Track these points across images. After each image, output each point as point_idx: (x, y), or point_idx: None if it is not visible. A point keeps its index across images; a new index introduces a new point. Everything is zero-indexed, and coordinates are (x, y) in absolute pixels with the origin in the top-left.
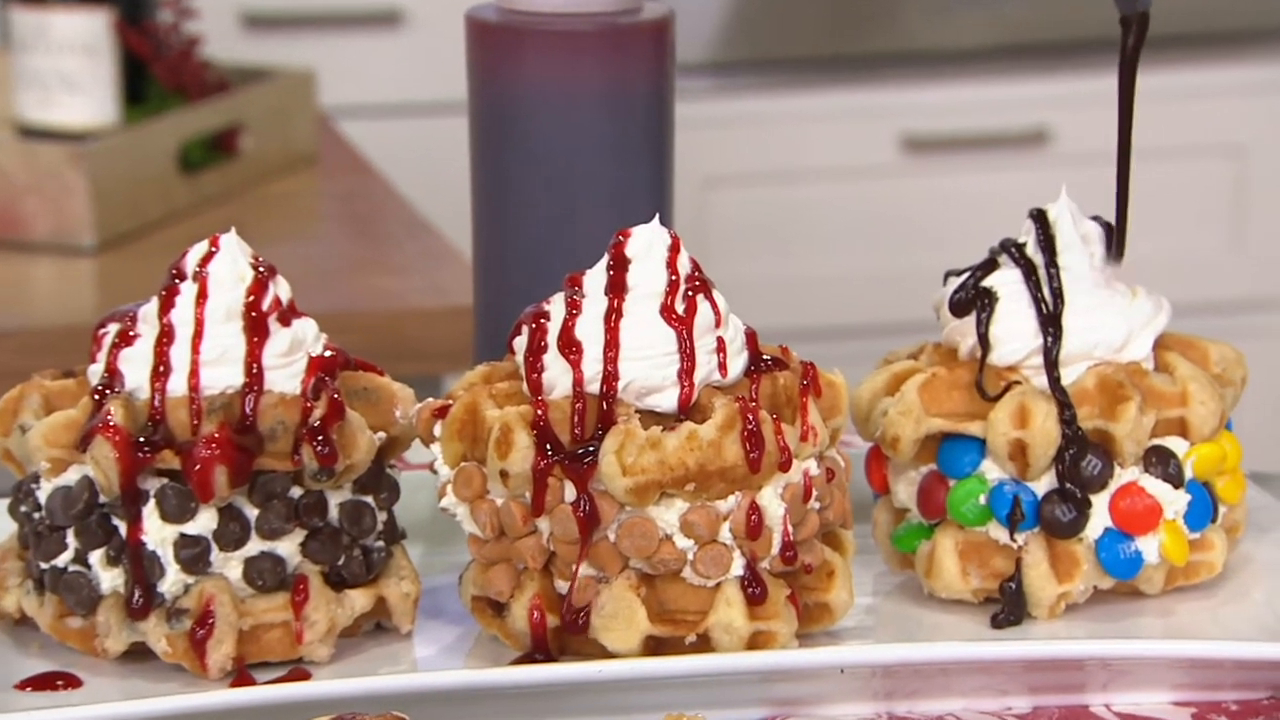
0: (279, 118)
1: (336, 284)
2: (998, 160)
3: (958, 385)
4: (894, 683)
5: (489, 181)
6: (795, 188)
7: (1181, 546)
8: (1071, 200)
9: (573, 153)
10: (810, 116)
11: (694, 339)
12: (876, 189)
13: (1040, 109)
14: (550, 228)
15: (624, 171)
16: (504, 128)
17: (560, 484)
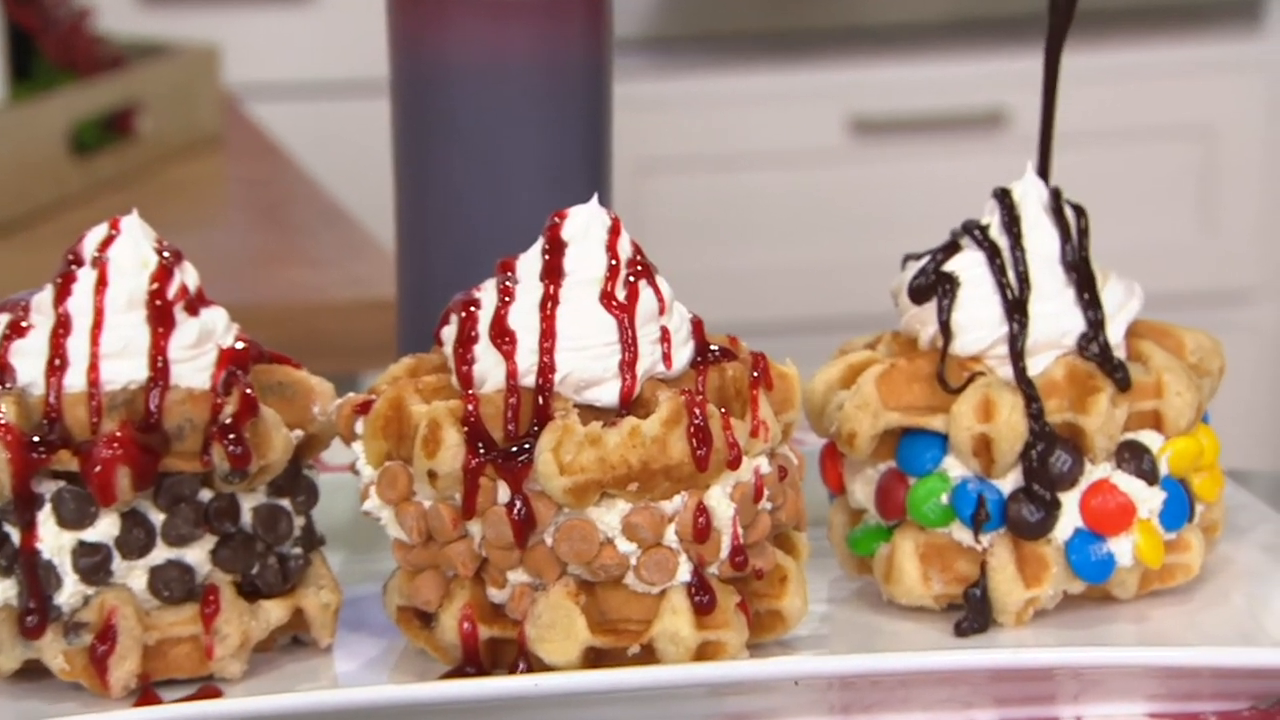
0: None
1: (245, 276)
2: (953, 143)
3: (918, 377)
4: (851, 695)
5: (412, 161)
6: (736, 173)
7: (1156, 548)
8: (1037, 177)
9: (503, 129)
10: (753, 97)
11: (636, 328)
12: (823, 174)
13: (998, 88)
14: (480, 210)
15: (559, 149)
16: (428, 103)
17: (493, 484)
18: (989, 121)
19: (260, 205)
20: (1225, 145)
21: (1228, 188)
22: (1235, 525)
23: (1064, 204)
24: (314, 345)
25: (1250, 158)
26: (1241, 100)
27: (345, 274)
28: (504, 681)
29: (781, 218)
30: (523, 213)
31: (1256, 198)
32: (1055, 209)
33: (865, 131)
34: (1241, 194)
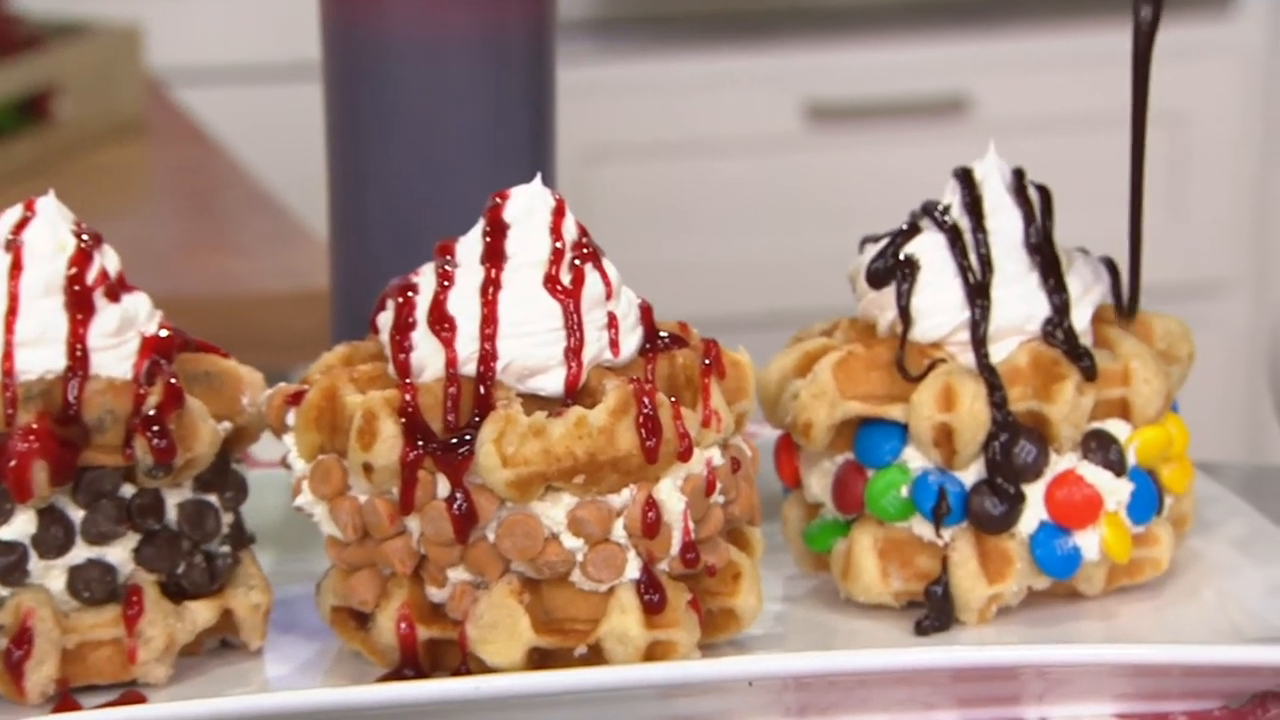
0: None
1: (170, 266)
2: (913, 130)
3: (876, 364)
4: (807, 696)
5: (347, 145)
6: (687, 161)
7: (1124, 541)
8: (1000, 159)
9: (443, 110)
10: (704, 81)
11: (582, 313)
12: (778, 162)
13: (960, 73)
14: (418, 193)
15: (501, 130)
16: (364, 84)
17: (432, 478)
18: (951, 108)
19: (186, 193)
20: (1195, 132)
21: (1198, 176)
22: (1206, 518)
23: (1027, 184)
24: (243, 339)
25: (1221, 145)
26: (1212, 86)
27: (276, 264)
28: (444, 684)
29: (734, 207)
30: (462, 196)
31: (1228, 186)
32: (1018, 189)
33: (822, 118)
34: (1212, 183)
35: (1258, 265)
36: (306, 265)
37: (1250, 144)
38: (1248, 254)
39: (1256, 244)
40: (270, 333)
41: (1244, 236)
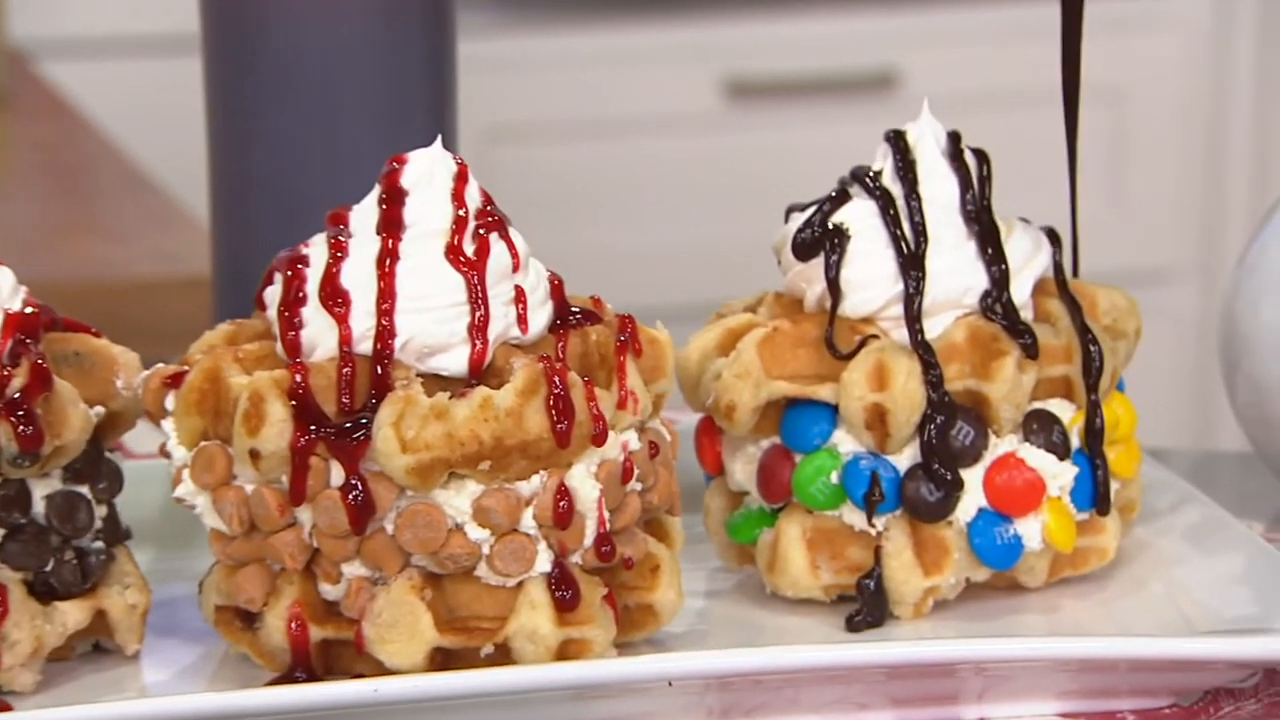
0: None
1: (36, 250)
2: (839, 108)
3: (803, 341)
4: (732, 697)
5: (230, 111)
6: (598, 142)
7: (1068, 529)
8: (935, 120)
9: (334, 72)
10: (615, 56)
11: (487, 286)
12: (696, 142)
13: (887, 47)
14: (307, 163)
15: (397, 94)
16: (247, 43)
17: (324, 465)
18: (879, 83)
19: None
20: (1137, 110)
21: (1140, 157)
22: (1154, 506)
23: (964, 149)
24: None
25: (1164, 123)
26: (1154, 60)
27: (152, 248)
28: (338, 687)
29: (648, 192)
30: (355, 168)
31: (1172, 167)
32: (954, 154)
33: (742, 94)
34: (1156, 163)
35: (1204, 251)
36: (185, 249)
37: (1195, 121)
38: (1194, 239)
39: (1203, 228)
40: (146, 321)
41: (1190, 220)
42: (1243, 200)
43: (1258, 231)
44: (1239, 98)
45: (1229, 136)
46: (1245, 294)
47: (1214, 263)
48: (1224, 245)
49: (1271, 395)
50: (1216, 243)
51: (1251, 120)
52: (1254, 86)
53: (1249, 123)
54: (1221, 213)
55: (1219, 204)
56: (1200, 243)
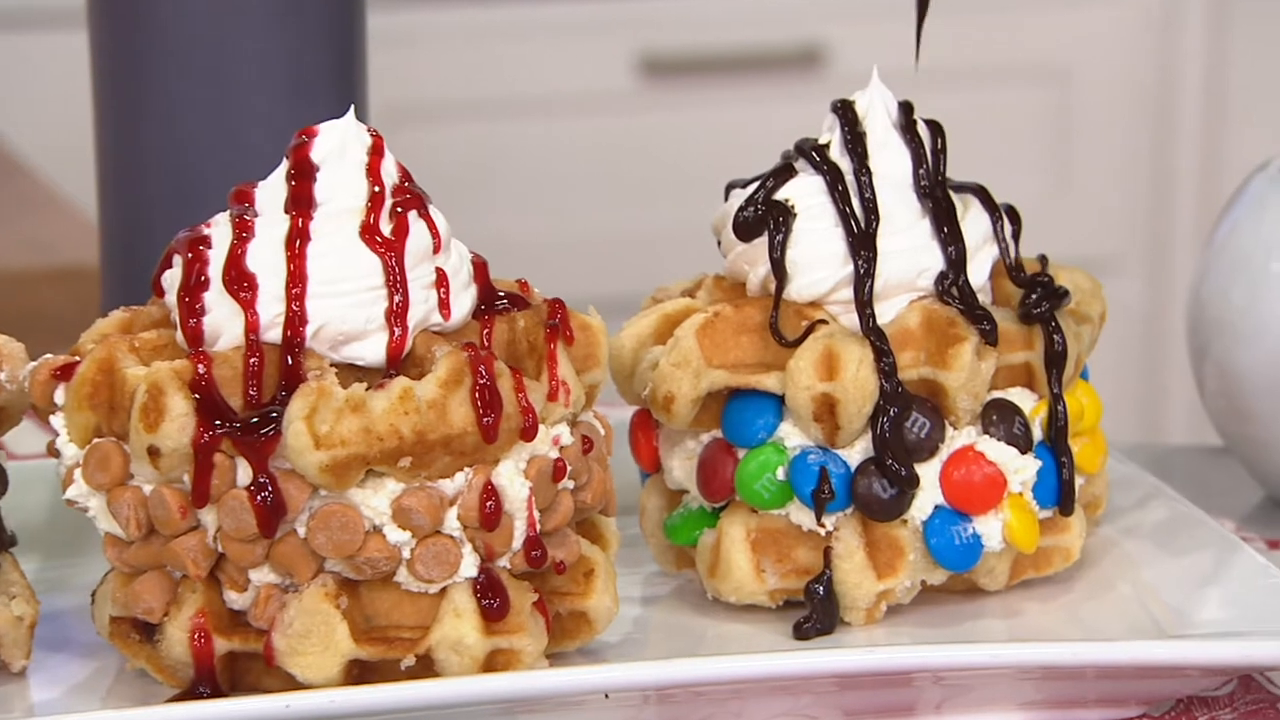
0: None
1: None
2: (761, 86)
3: (746, 328)
4: (673, 710)
5: (118, 82)
6: (504, 122)
7: (1030, 528)
8: (884, 87)
9: (232, 41)
10: (523, 30)
11: (406, 269)
12: (609, 123)
13: (812, 21)
14: (204, 136)
15: (301, 58)
16: (138, 13)
17: (230, 463)
18: (804, 60)
19: None
20: (1079, 90)
21: (1084, 140)
22: (1120, 502)
23: (916, 120)
24: None
25: (1108, 104)
26: (1098, 38)
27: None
28: (246, 703)
29: (559, 175)
30: (259, 133)
31: (1117, 151)
32: (906, 125)
33: (658, 72)
34: (1100, 147)
35: (1150, 238)
36: (58, 237)
37: (1142, 103)
38: (1141, 226)
39: (1150, 215)
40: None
41: (1136, 206)
42: (1191, 186)
43: (1226, 210)
44: (1187, 77)
45: (1177, 117)
46: (1214, 276)
47: (1161, 251)
48: (1171, 233)
49: (1243, 384)
50: (1163, 230)
51: (1201, 100)
52: (1203, 64)
53: (1198, 103)
54: (1168, 199)
55: (1166, 189)
56: (1146, 230)
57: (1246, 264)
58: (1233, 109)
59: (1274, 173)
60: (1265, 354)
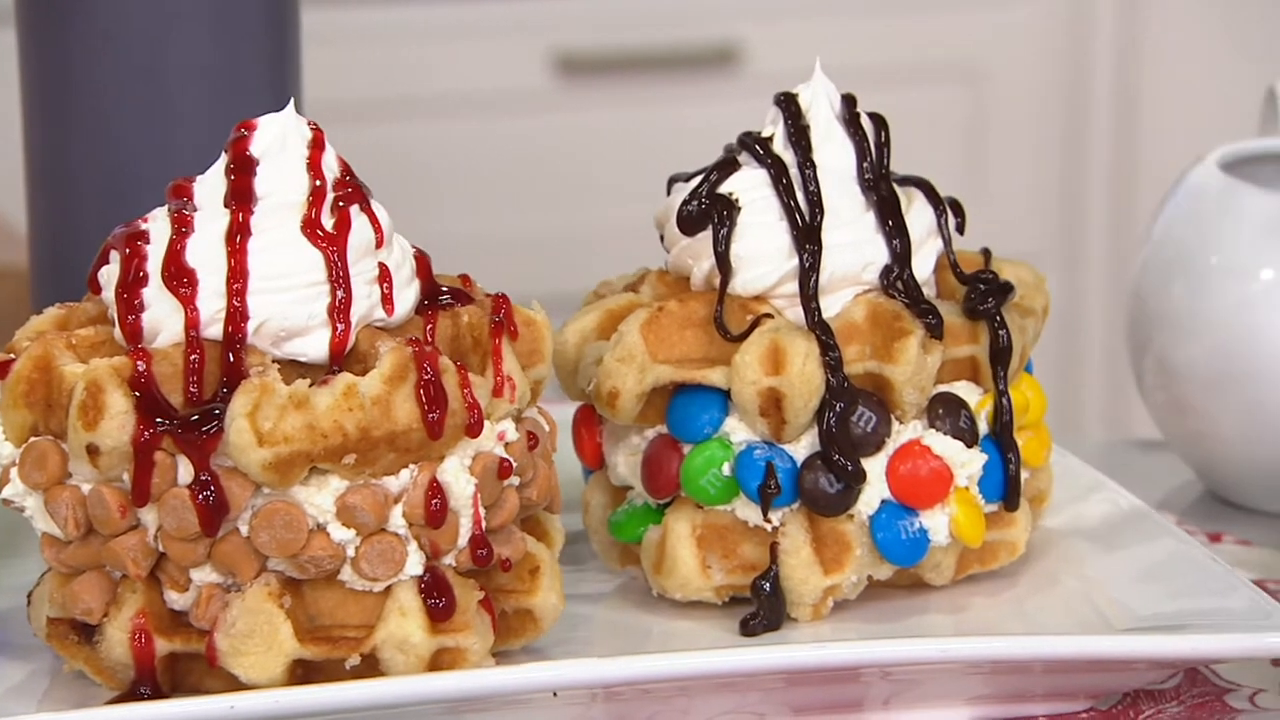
0: None
1: None
2: (677, 85)
3: (691, 322)
4: (620, 708)
5: (47, 77)
6: (416, 122)
7: (976, 522)
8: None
9: (164, 36)
10: (435, 29)
11: (348, 264)
12: (523, 123)
13: (728, 20)
14: (136, 131)
15: (234, 49)
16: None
17: (171, 461)
18: (719, 59)
19: None
20: (993, 89)
21: (999, 137)
22: (1063, 496)
23: (860, 113)
24: None
25: (1022, 103)
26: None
27: None
28: (190, 704)
29: (473, 175)
30: (189, 134)
31: (1030, 150)
32: (850, 118)
33: (572, 71)
34: (1015, 145)
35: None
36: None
37: (1055, 101)
38: (1055, 223)
39: (1064, 212)
40: None
41: (1050, 204)
42: (1104, 182)
43: (1164, 203)
44: (1100, 74)
45: (1090, 115)
46: (1153, 271)
47: (1075, 247)
48: (1085, 230)
49: (1183, 377)
50: (1077, 227)
51: (1113, 97)
52: (1115, 62)
53: (1110, 100)
54: (1082, 196)
55: (1080, 186)
56: (1060, 227)
57: (1185, 258)
58: (1145, 106)
59: (1211, 166)
60: (1205, 348)
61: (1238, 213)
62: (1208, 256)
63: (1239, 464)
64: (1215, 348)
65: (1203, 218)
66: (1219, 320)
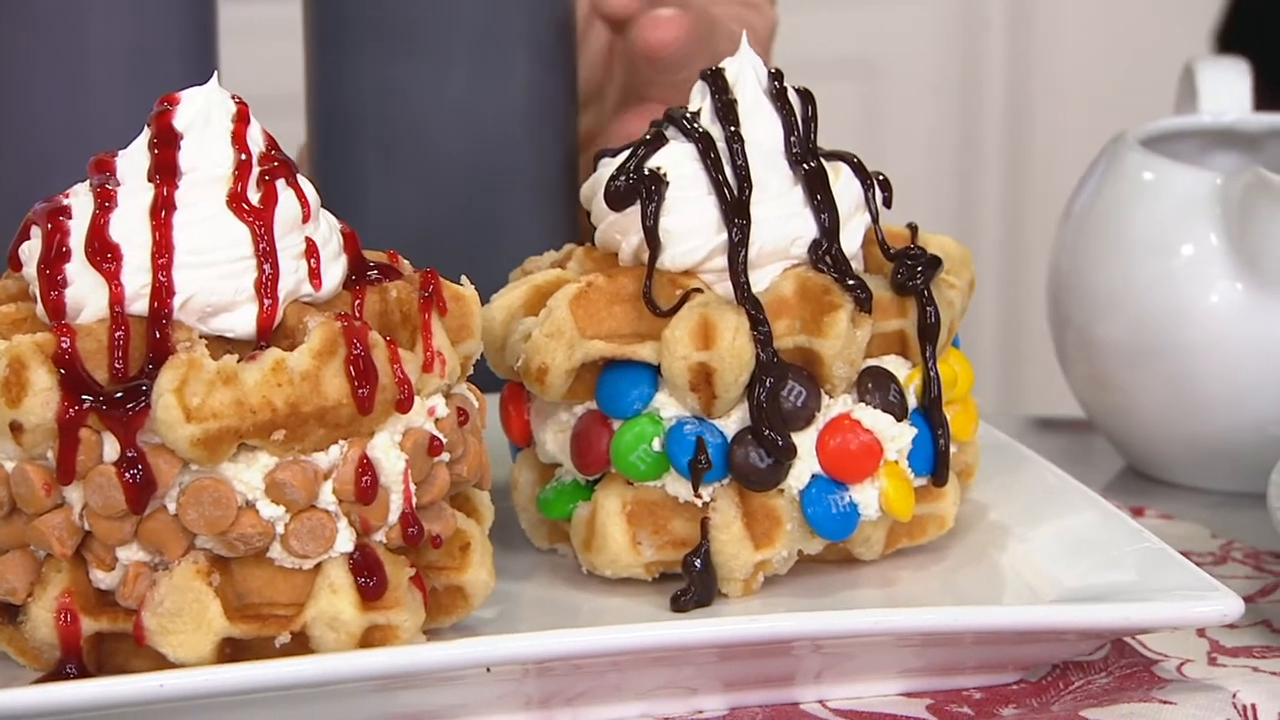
0: None
1: None
2: None
3: (620, 297)
4: (552, 683)
5: None
6: None
7: (906, 496)
8: (754, 53)
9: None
10: None
11: (275, 238)
12: None
13: None
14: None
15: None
16: None
17: (97, 438)
18: None
19: None
20: (887, 84)
21: (891, 132)
22: (990, 470)
23: (786, 87)
24: None
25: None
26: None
27: None
28: (118, 683)
29: None
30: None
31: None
32: (777, 93)
33: None
34: (910, 140)
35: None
36: None
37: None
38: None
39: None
40: None
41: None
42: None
43: (1083, 181)
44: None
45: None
46: (1073, 248)
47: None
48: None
49: (1104, 353)
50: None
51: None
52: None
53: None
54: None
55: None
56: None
57: (1103, 234)
58: (1036, 97)
59: (1130, 143)
60: (1124, 323)
61: (1157, 189)
62: (1128, 232)
63: (1160, 439)
64: (1135, 323)
65: (1123, 194)
66: (1139, 295)
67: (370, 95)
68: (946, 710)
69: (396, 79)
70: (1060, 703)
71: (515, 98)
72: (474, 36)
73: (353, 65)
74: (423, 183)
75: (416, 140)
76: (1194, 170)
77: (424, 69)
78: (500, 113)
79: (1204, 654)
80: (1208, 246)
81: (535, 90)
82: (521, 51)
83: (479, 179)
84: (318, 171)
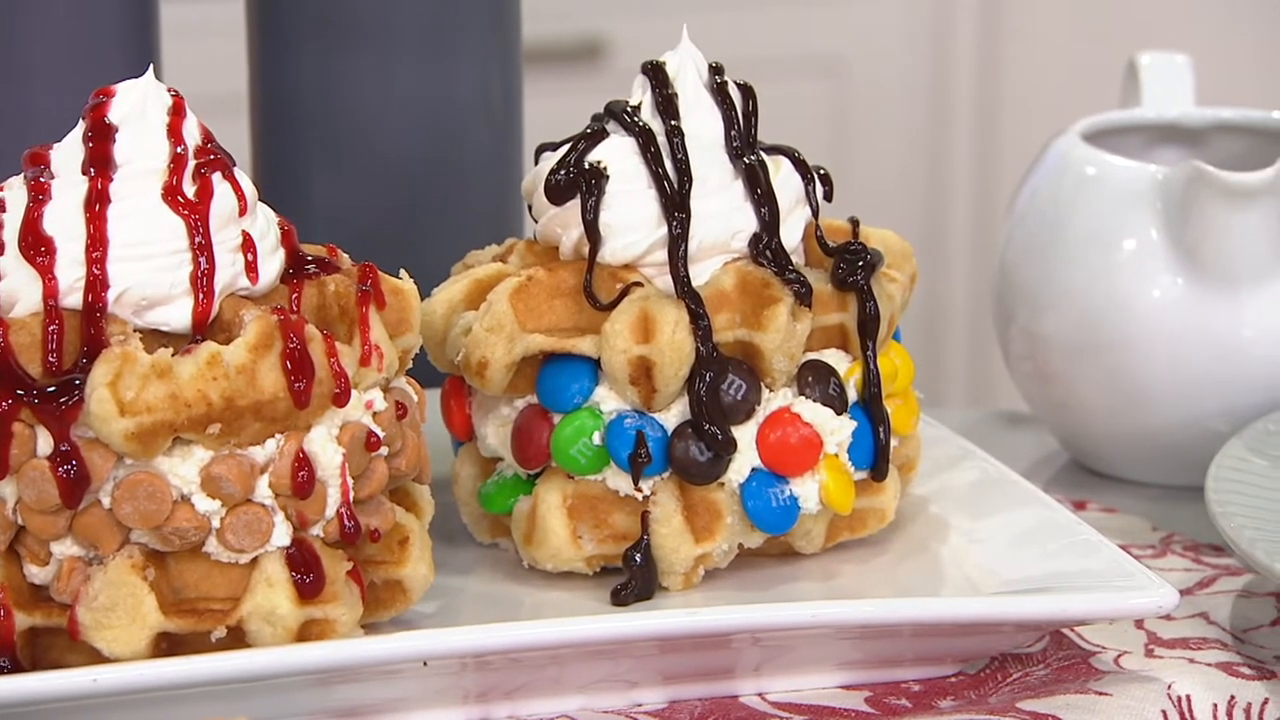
0: None
1: None
2: (542, 79)
3: (560, 291)
4: (491, 677)
5: None
6: None
7: (846, 489)
8: (694, 46)
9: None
10: None
11: (211, 232)
12: None
13: (592, 16)
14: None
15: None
16: None
17: (30, 432)
18: (585, 54)
19: None
20: (856, 82)
21: (861, 130)
22: (930, 464)
23: (727, 81)
24: None
25: (884, 96)
26: (873, 31)
27: None
28: (51, 678)
29: None
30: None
31: (893, 143)
32: (717, 87)
33: None
34: (878, 138)
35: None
36: None
37: (917, 93)
38: (918, 215)
39: (926, 204)
40: None
41: (913, 196)
42: (966, 174)
43: (1027, 176)
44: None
45: (952, 107)
46: (1017, 243)
47: (938, 240)
48: (947, 221)
49: (1047, 348)
50: (939, 218)
51: (974, 90)
52: (975, 54)
53: (971, 93)
54: (944, 187)
55: (942, 178)
56: (923, 218)
57: (1049, 228)
58: (1005, 94)
59: (1073, 139)
60: (1068, 318)
61: (1100, 183)
62: (1071, 227)
63: (1102, 433)
64: (1078, 317)
65: (1066, 188)
66: (1082, 290)
67: (313, 89)
68: (885, 702)
69: (340, 73)
70: (998, 694)
71: (458, 92)
72: (417, 31)
73: (295, 59)
74: (366, 177)
75: (359, 134)
76: (1135, 165)
77: (367, 63)
78: (443, 107)
79: (1141, 646)
80: (1149, 241)
81: (478, 84)
82: (465, 46)
83: (422, 173)
84: (261, 165)
